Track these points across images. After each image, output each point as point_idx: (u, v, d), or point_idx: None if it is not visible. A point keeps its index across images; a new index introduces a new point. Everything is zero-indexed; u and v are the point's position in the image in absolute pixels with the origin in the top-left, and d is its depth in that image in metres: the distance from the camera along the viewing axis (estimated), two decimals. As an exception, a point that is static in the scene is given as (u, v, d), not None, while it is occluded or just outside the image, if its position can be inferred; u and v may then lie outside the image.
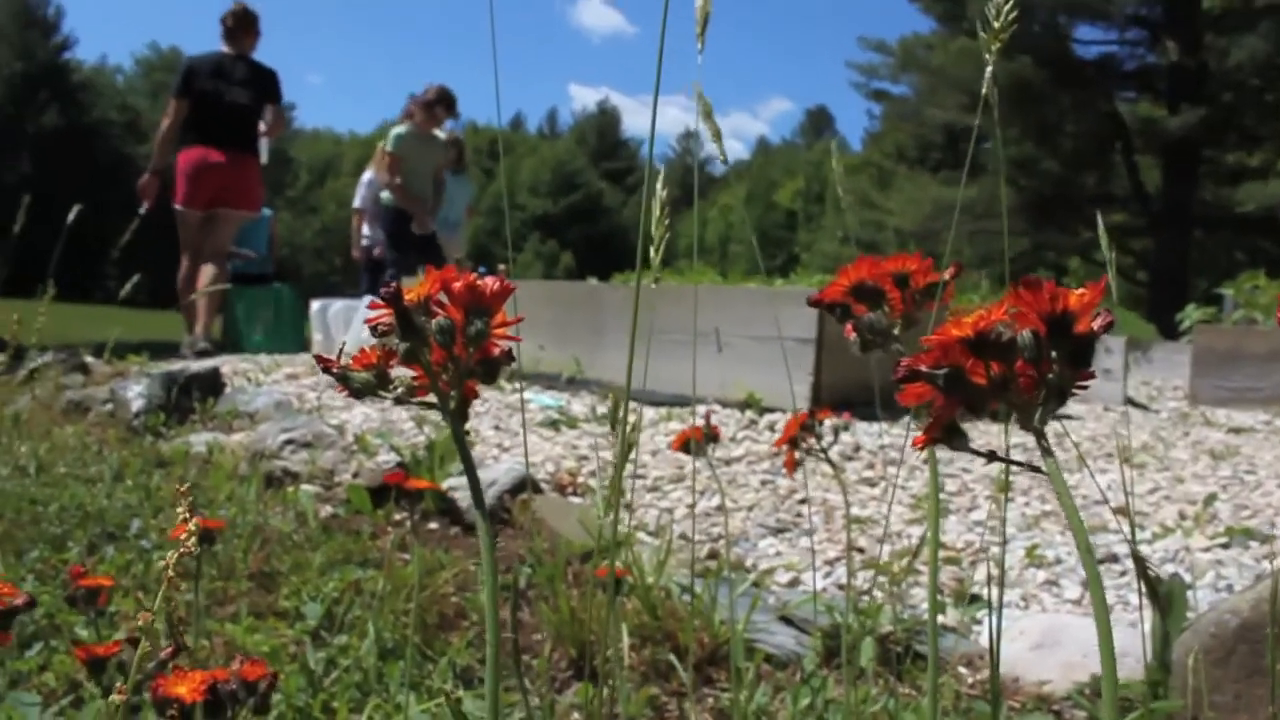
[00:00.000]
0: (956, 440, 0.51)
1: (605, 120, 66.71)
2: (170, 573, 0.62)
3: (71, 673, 1.52)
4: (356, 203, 8.27)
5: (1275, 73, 22.30)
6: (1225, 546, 2.58)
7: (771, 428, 3.74)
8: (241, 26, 6.77)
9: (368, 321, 0.54)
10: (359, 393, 0.56)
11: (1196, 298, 13.20)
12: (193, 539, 0.64)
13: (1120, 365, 6.55)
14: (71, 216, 2.80)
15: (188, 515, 0.65)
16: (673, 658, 1.64)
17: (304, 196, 56.79)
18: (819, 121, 70.45)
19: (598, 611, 1.76)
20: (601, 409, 4.06)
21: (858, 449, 3.44)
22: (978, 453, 0.53)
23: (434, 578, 2.04)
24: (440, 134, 7.65)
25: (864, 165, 37.53)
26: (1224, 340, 6.87)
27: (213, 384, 3.86)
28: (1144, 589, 1.37)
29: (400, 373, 0.55)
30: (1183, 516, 2.89)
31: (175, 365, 4.50)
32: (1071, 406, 5.45)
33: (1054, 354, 0.47)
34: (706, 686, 1.67)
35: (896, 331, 0.69)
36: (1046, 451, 0.49)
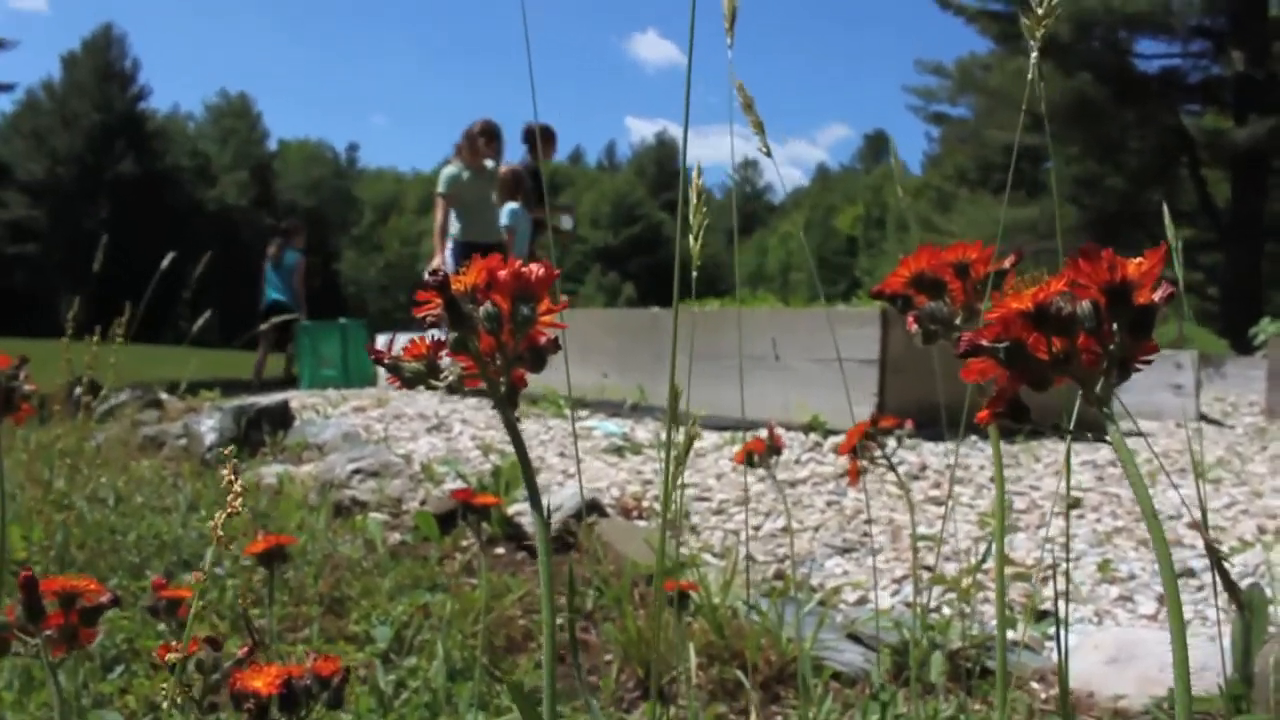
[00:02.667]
0: (1020, 415, 0.50)
1: (663, 151, 67.01)
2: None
3: (150, 694, 1.56)
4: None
5: (1346, 80, 21.80)
6: (1307, 560, 2.51)
7: (836, 450, 3.72)
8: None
9: (415, 311, 0.55)
10: (410, 382, 0.57)
11: (1270, 311, 12.89)
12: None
13: (1192, 381, 6.42)
14: (166, 263, 2.89)
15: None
16: (740, 674, 1.64)
17: (368, 235, 57.77)
18: (877, 146, 70.12)
19: (664, 631, 1.76)
20: (665, 435, 4.06)
21: (924, 468, 3.41)
22: (1039, 427, 0.53)
23: (501, 601, 2.05)
24: (489, 164, 7.66)
25: (924, 188, 37.25)
26: (1301, 353, 6.70)
27: (282, 417, 3.93)
28: (1226, 593, 1.34)
29: (449, 363, 0.56)
30: (1262, 531, 2.82)
31: (246, 400, 4.60)
32: (1144, 423, 5.36)
33: (1115, 325, 0.47)
34: (774, 705, 1.67)
35: (958, 321, 0.69)
36: (1110, 419, 0.49)
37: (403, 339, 3.15)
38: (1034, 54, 0.81)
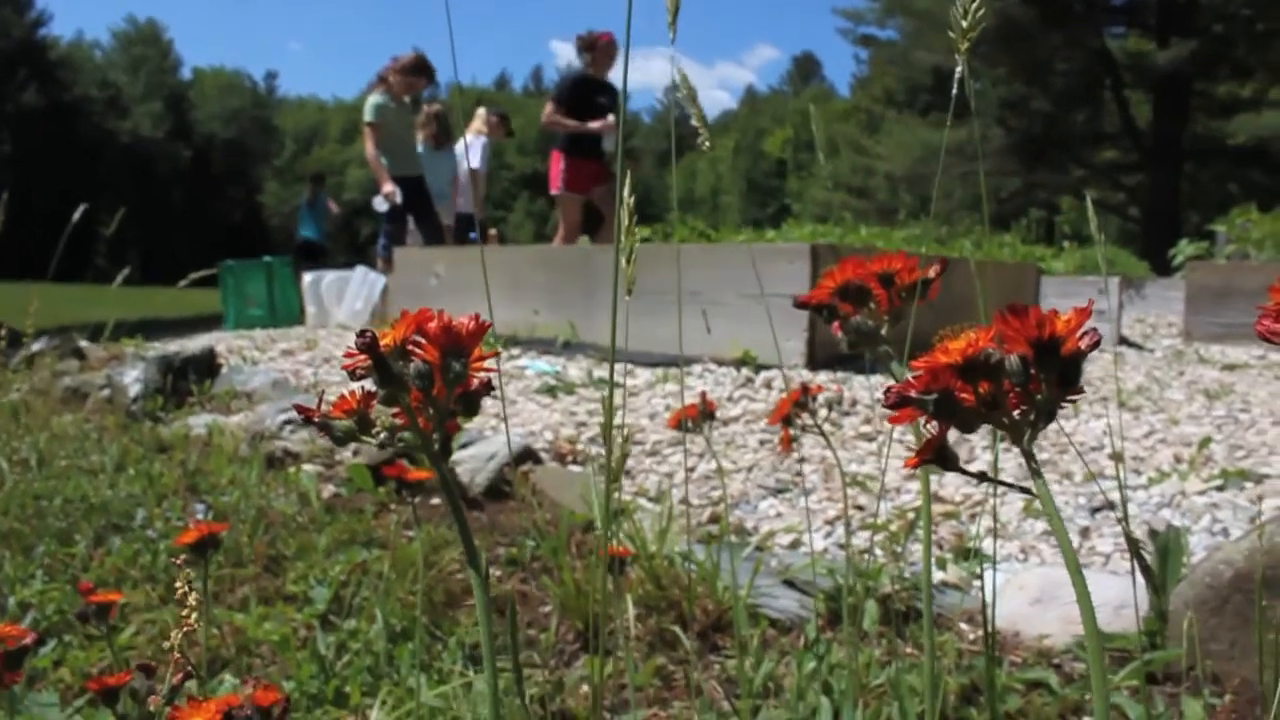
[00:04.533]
0: (948, 462, 0.52)
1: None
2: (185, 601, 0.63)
3: (85, 667, 1.54)
4: (475, 164, 8.27)
5: (1266, 2, 22.10)
6: (1220, 489, 2.60)
7: (768, 385, 3.75)
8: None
9: (344, 367, 0.55)
10: (341, 440, 0.57)
11: (1189, 232, 13.19)
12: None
13: (1114, 305, 6.57)
14: (77, 216, 2.80)
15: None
16: (677, 629, 1.66)
17: (291, 165, 56.40)
18: (806, 68, 69.92)
19: (601, 584, 1.78)
20: (598, 373, 4.07)
21: (854, 404, 3.46)
22: (969, 473, 0.54)
23: (439, 555, 2.06)
24: (422, 106, 7.72)
25: (852, 111, 37.30)
26: (1217, 276, 6.89)
27: (209, 365, 3.86)
28: (1134, 565, 1.39)
29: (381, 411, 0.56)
30: (1178, 460, 2.91)
31: (171, 347, 4.51)
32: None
33: (1042, 376, 0.48)
34: (713, 653, 1.70)
35: (884, 331, 0.70)
36: (1036, 473, 0.50)
37: (330, 277, 3.13)
38: (959, 70, 0.80)
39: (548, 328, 4.93)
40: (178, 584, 0.69)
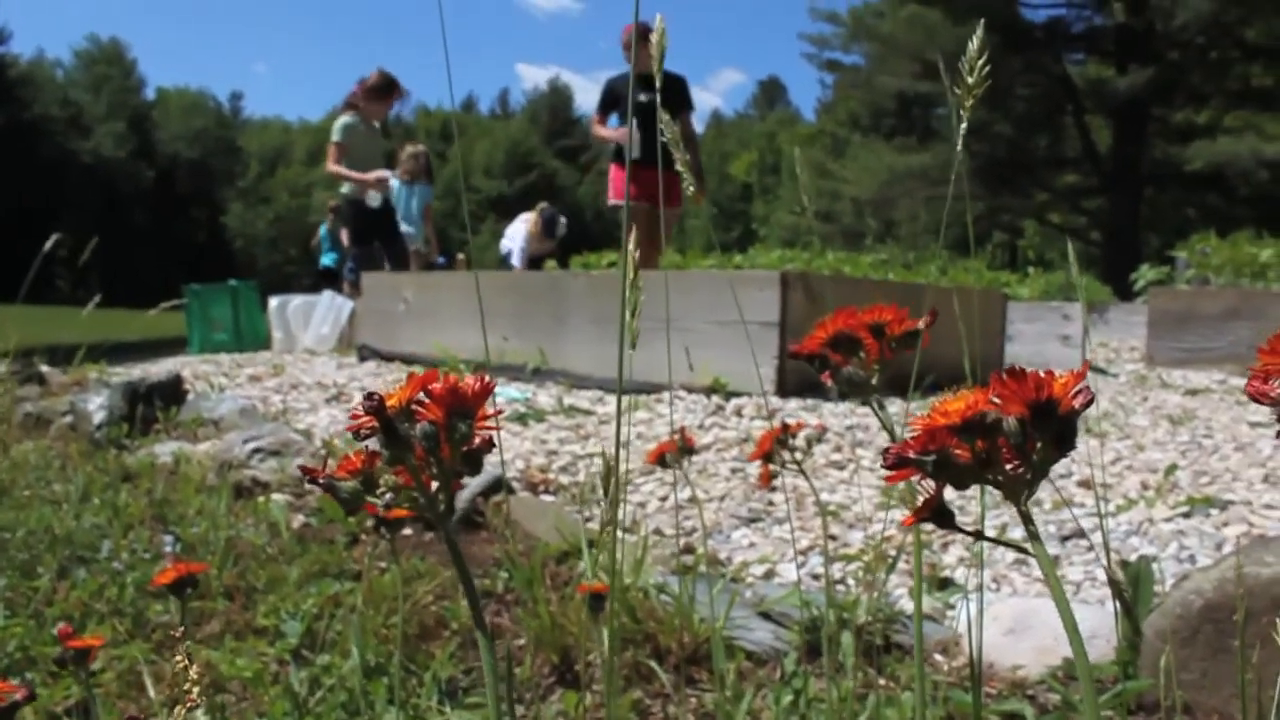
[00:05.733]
0: (945, 520, 0.52)
1: (557, 98, 66.42)
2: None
3: (50, 706, 1.52)
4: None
5: (1219, 31, 22.56)
6: (1187, 515, 2.63)
7: (739, 412, 3.76)
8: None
9: (348, 429, 0.54)
10: (349, 503, 0.57)
11: (1150, 256, 13.39)
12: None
13: (1080, 331, 6.64)
14: (49, 245, 2.78)
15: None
16: (653, 663, 1.66)
17: (255, 186, 56.10)
18: (772, 93, 70.52)
19: (577, 615, 1.77)
20: (568, 400, 4.06)
21: (824, 431, 3.47)
22: (964, 531, 0.54)
23: (412, 587, 2.04)
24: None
25: (818, 135, 37.61)
26: (1178, 302, 6.98)
27: (175, 391, 3.82)
28: (1116, 599, 1.40)
29: (384, 469, 0.56)
30: (1145, 487, 2.94)
31: (135, 373, 4.46)
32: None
33: (1038, 437, 0.49)
34: (690, 687, 1.69)
35: (874, 381, 0.71)
36: (1034, 536, 0.51)
37: (296, 302, 3.12)
38: (963, 126, 0.82)
39: (517, 354, 4.92)
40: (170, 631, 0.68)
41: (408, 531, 2.52)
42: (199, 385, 4.55)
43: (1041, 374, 0.48)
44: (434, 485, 0.57)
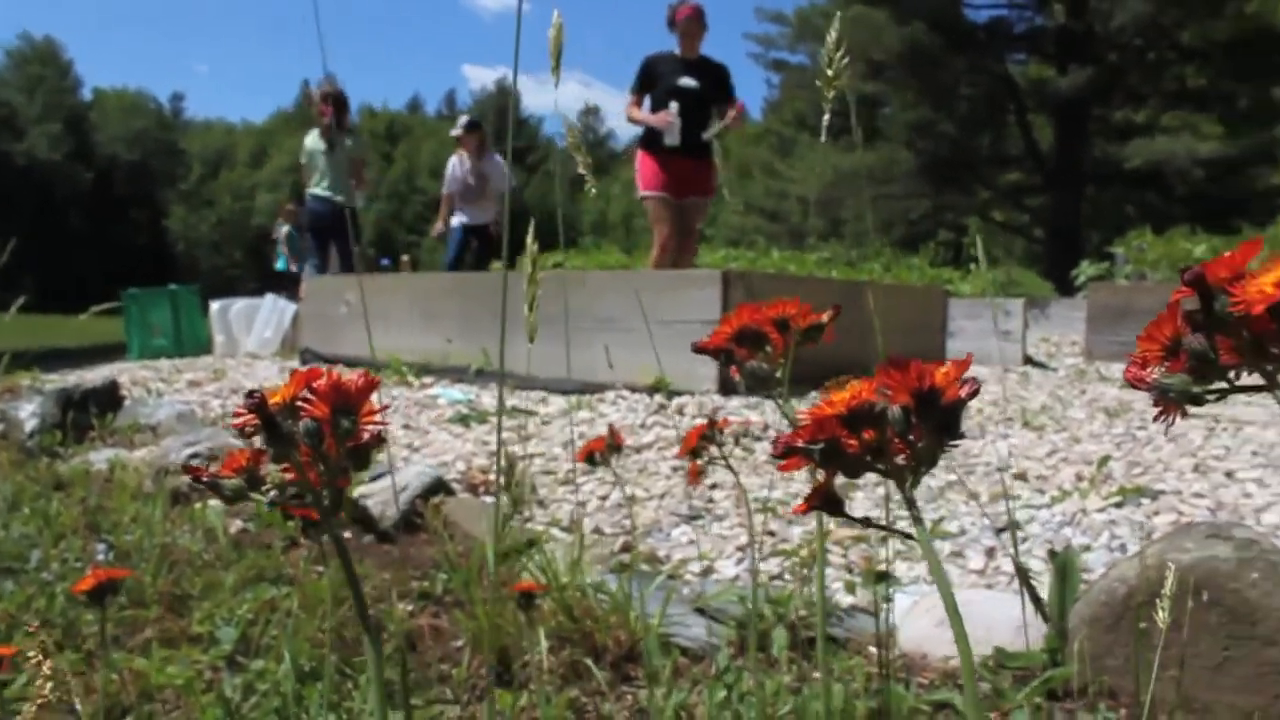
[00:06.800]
0: (834, 508, 0.53)
1: (504, 99, 66.14)
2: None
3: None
4: (445, 188, 8.47)
5: (1156, 33, 23.01)
6: (1119, 506, 2.68)
7: (680, 411, 3.78)
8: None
9: (233, 425, 0.55)
10: (231, 500, 0.57)
11: (1090, 252, 13.62)
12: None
13: (1020, 326, 6.75)
14: (5, 255, 2.73)
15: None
16: (589, 661, 1.66)
17: (198, 189, 55.29)
18: (719, 92, 70.61)
19: (515, 616, 1.77)
20: (512, 401, 4.05)
21: (766, 428, 3.50)
22: (854, 519, 0.55)
23: (350, 590, 2.03)
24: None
25: (764, 134, 37.77)
26: (1116, 297, 7.12)
27: (111, 397, 3.76)
28: (1023, 587, 1.43)
29: (273, 467, 0.56)
30: (1079, 478, 3.00)
31: (71, 379, 4.38)
32: (976, 369, 5.66)
33: (923, 425, 0.50)
34: (625, 684, 1.70)
35: (778, 375, 0.72)
36: (918, 520, 0.52)
37: (239, 305, 3.09)
38: (825, 116, 0.83)
39: (461, 355, 4.91)
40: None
41: (347, 535, 2.50)
42: (136, 391, 4.49)
43: (923, 364, 0.49)
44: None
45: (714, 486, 2.84)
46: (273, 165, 51.41)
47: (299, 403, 0.53)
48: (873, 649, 1.80)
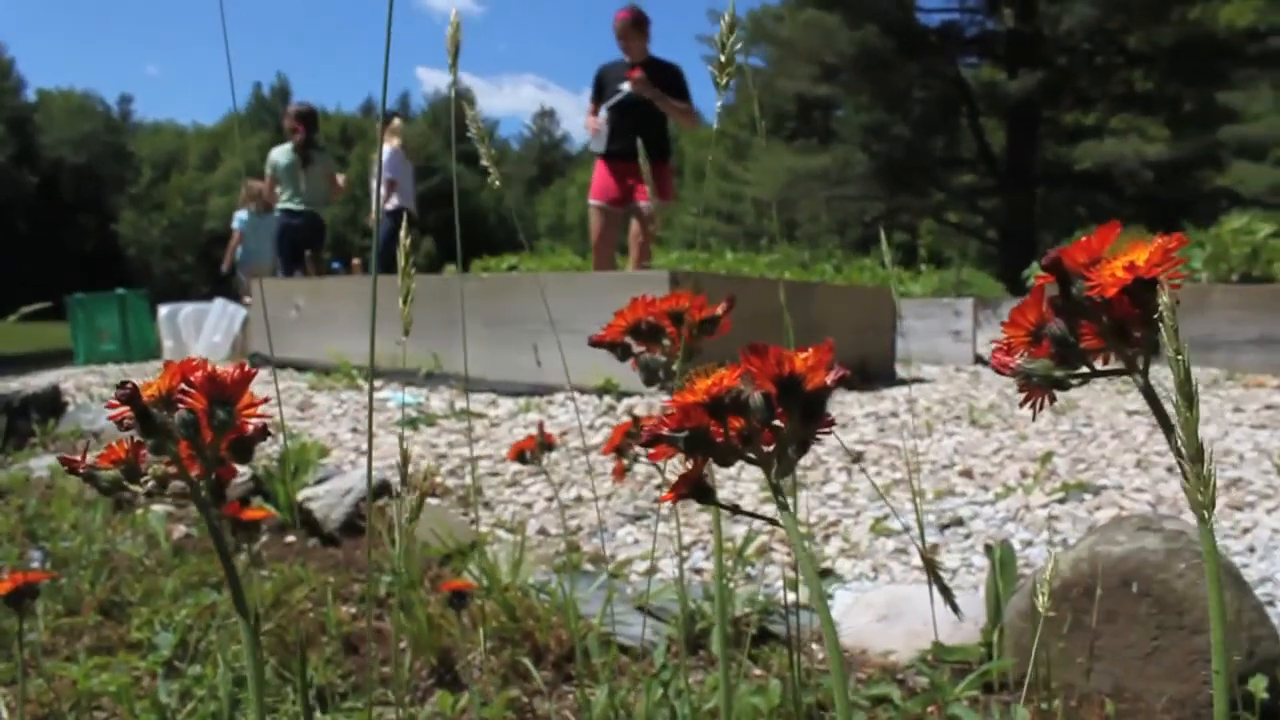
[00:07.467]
0: (704, 496, 0.54)
1: (459, 102, 65.86)
2: None
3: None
4: (387, 174, 8.39)
5: (1104, 37, 23.35)
6: (1061, 501, 2.72)
7: (629, 412, 3.78)
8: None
9: (110, 418, 0.54)
10: (108, 491, 0.56)
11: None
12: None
13: (970, 326, 6.82)
14: None
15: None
16: (528, 661, 1.66)
17: (148, 193, 54.51)
18: (674, 95, 70.72)
19: (456, 618, 1.76)
20: (460, 404, 4.04)
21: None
22: (723, 506, 0.56)
23: (291, 593, 2.01)
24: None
25: (719, 137, 37.87)
26: (1063, 296, 7.19)
27: (53, 404, 3.71)
28: (933, 589, 1.44)
29: (154, 459, 0.56)
30: (1024, 475, 3.03)
31: (12, 384, 4.31)
32: (926, 368, 5.67)
33: (787, 411, 0.50)
34: (566, 684, 1.70)
35: (674, 367, 0.72)
36: (783, 506, 0.52)
37: (187, 310, 3.05)
38: (716, 104, 0.84)
39: (411, 358, 4.88)
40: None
41: (291, 539, 2.48)
42: (80, 397, 4.42)
43: (784, 351, 0.49)
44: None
45: (660, 487, 2.84)
46: (225, 168, 50.83)
47: (175, 395, 0.53)
48: (814, 645, 1.81)
